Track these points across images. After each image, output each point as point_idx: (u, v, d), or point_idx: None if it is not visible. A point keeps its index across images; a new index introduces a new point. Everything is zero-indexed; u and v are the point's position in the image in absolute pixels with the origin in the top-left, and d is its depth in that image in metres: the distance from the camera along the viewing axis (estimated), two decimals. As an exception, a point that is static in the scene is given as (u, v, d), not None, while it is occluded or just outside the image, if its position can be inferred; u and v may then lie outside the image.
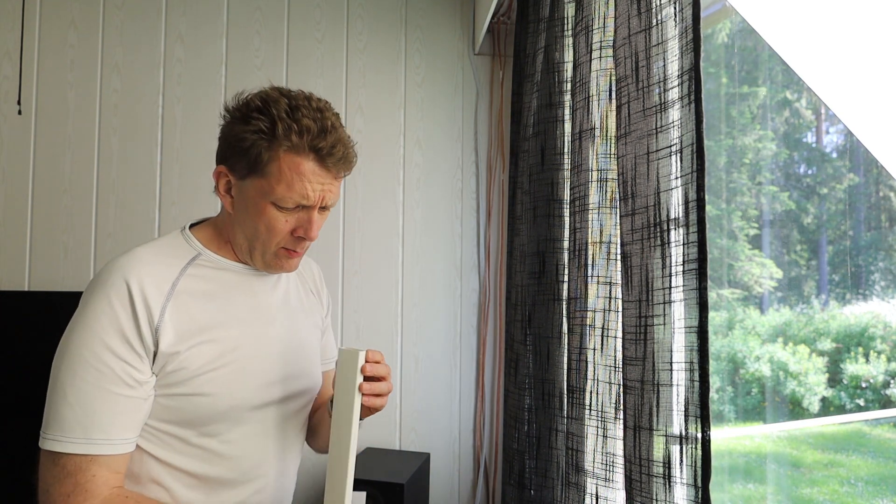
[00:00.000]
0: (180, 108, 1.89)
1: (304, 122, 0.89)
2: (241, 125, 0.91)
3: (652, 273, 0.90)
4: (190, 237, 0.99)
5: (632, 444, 0.92)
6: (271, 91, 0.93)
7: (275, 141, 0.89)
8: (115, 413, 0.86)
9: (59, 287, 1.82)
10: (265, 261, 0.99)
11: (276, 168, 0.90)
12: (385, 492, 1.48)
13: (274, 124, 0.89)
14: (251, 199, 0.94)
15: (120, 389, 0.86)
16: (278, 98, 0.91)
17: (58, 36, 1.87)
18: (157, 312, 0.89)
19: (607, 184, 1.13)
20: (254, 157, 0.90)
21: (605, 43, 1.14)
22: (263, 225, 0.94)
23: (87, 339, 0.87)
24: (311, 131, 0.90)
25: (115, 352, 0.86)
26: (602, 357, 1.11)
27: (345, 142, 0.94)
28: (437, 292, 1.92)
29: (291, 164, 0.90)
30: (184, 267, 0.95)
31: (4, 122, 1.84)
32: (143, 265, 0.91)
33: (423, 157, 1.95)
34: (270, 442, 1.01)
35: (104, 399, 0.86)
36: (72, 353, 0.87)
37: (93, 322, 0.87)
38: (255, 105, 0.91)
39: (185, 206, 1.87)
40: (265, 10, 1.92)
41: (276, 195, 0.91)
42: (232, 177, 0.95)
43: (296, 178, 0.91)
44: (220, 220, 1.02)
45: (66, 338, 0.90)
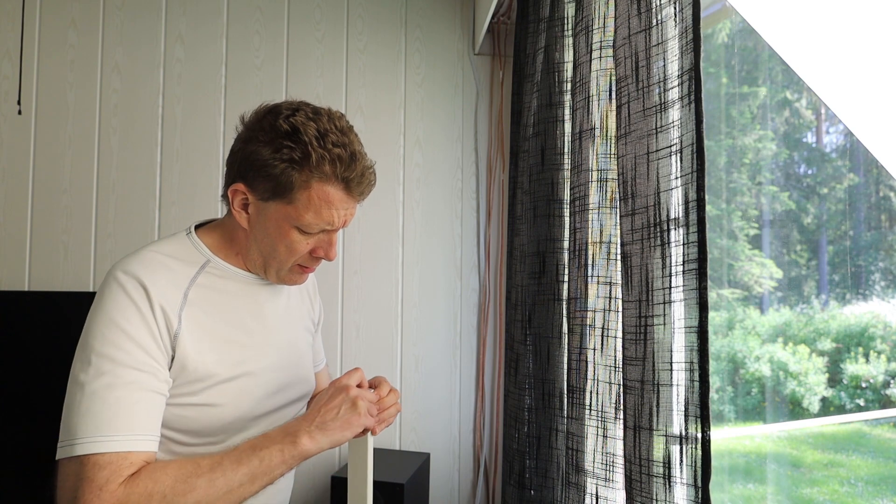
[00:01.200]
0: (180, 108, 1.89)
1: (335, 151, 0.88)
2: (269, 150, 0.89)
3: (652, 273, 0.90)
4: (198, 242, 0.97)
5: (632, 444, 0.92)
6: (298, 114, 0.90)
7: (305, 171, 0.88)
8: (143, 409, 0.84)
9: (59, 287, 1.82)
10: (279, 276, 0.99)
11: (306, 197, 0.90)
12: (385, 492, 1.48)
13: (306, 155, 0.88)
14: (273, 221, 0.92)
15: (148, 383, 0.85)
16: (306, 123, 0.89)
17: (58, 36, 1.87)
18: (174, 320, 0.88)
19: (607, 184, 1.13)
20: (282, 184, 0.89)
21: (605, 43, 1.14)
22: (284, 246, 0.94)
23: (112, 337, 0.84)
24: (342, 161, 0.89)
25: (142, 345, 0.84)
26: (602, 357, 1.11)
27: (369, 166, 0.94)
28: (437, 292, 1.92)
29: (321, 193, 0.90)
30: (194, 276, 0.93)
31: (4, 122, 1.84)
32: (157, 270, 0.89)
33: (423, 156, 1.95)
34: None
35: (133, 395, 0.83)
36: (96, 352, 0.83)
37: (117, 318, 0.84)
38: (283, 130, 0.89)
39: (185, 206, 1.87)
40: (265, 10, 1.92)
41: (303, 222, 0.91)
42: (251, 196, 0.93)
43: (324, 207, 0.91)
44: (229, 228, 0.99)
45: (85, 341, 0.86)
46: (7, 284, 1.82)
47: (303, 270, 1.00)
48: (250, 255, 0.98)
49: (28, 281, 1.83)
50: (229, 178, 0.96)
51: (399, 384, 1.90)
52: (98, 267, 1.84)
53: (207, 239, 0.99)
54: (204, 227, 1.02)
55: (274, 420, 1.02)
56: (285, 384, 1.03)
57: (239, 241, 0.98)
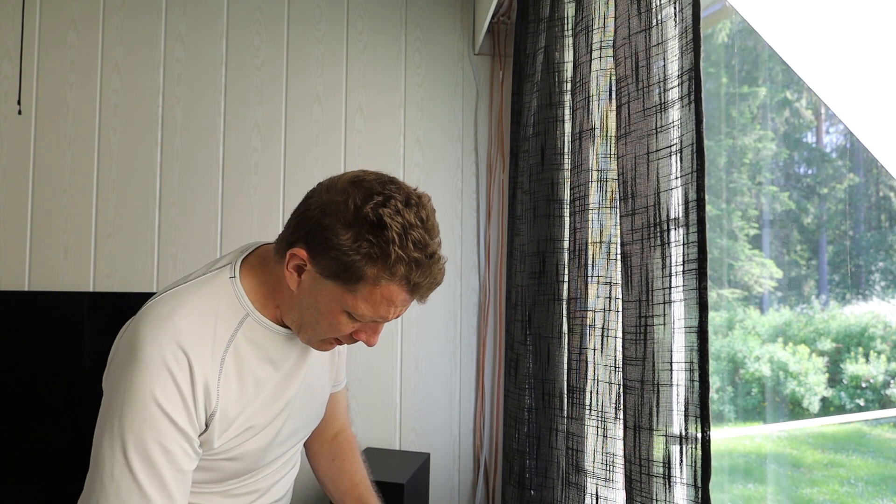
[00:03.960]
0: (180, 108, 1.89)
1: (414, 254, 0.82)
2: (347, 235, 0.82)
3: (652, 273, 0.90)
4: (241, 293, 0.91)
5: (632, 444, 0.92)
6: (389, 204, 0.82)
7: (378, 267, 0.82)
8: (181, 489, 0.84)
9: (59, 287, 1.82)
10: (309, 342, 0.95)
11: (368, 291, 0.84)
12: (385, 492, 1.48)
13: (385, 254, 0.81)
14: (324, 298, 0.87)
15: (186, 465, 0.85)
16: (393, 217, 0.81)
17: (58, 36, 1.87)
18: (214, 398, 0.86)
19: (607, 184, 1.13)
20: (350, 272, 0.83)
21: (605, 43, 1.14)
22: (328, 323, 0.89)
23: (151, 417, 0.81)
24: (418, 265, 0.83)
25: (181, 428, 0.83)
26: (602, 357, 1.11)
27: (441, 268, 0.87)
28: (437, 292, 1.92)
29: (387, 292, 0.84)
30: (232, 336, 0.89)
31: (4, 122, 1.84)
32: (202, 335, 0.85)
33: (423, 156, 1.95)
34: (277, 473, 1.06)
35: (174, 478, 0.83)
36: (133, 433, 0.81)
37: (162, 401, 0.81)
38: (369, 220, 0.81)
39: (185, 206, 1.87)
40: (265, 10, 1.92)
41: (357, 311, 0.86)
42: (311, 266, 0.86)
43: (383, 304, 0.85)
44: (274, 278, 0.92)
45: (120, 417, 0.82)
46: (7, 284, 1.82)
47: (336, 343, 0.96)
48: (290, 316, 0.93)
49: (28, 281, 1.83)
50: (293, 236, 0.87)
51: (399, 384, 1.90)
52: (98, 267, 1.84)
53: (248, 285, 0.92)
54: (247, 263, 0.95)
55: (284, 460, 1.06)
56: (299, 427, 1.05)
57: (282, 295, 0.92)
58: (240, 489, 0.98)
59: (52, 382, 1.68)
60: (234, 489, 0.98)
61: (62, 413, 1.68)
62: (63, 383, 1.69)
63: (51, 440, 1.66)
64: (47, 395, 1.67)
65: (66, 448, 1.66)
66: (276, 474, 1.05)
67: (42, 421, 1.67)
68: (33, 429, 1.66)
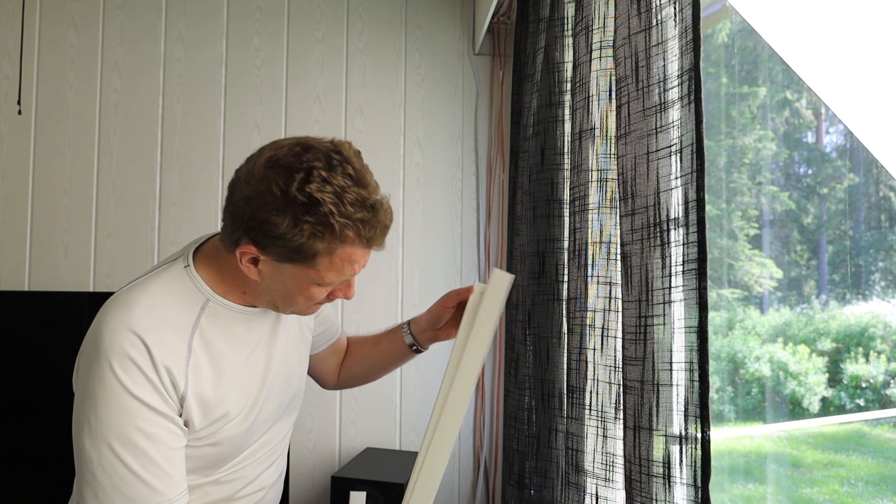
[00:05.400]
0: (180, 108, 1.89)
1: (356, 215, 0.82)
2: (285, 223, 0.81)
3: (652, 273, 0.90)
4: (198, 280, 0.92)
5: (632, 444, 0.92)
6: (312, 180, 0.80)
7: (328, 240, 0.83)
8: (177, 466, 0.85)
9: (59, 287, 1.82)
10: (295, 313, 0.98)
11: (327, 261, 0.85)
12: (385, 492, 1.48)
13: (329, 227, 0.81)
14: (289, 278, 0.88)
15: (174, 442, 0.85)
16: (322, 189, 0.80)
17: (58, 36, 1.87)
18: (181, 381, 0.86)
19: (607, 184, 1.13)
20: (303, 253, 0.84)
21: (605, 43, 1.14)
22: (302, 297, 0.91)
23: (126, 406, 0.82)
24: (364, 223, 0.83)
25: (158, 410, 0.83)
26: (602, 357, 1.11)
27: (387, 210, 0.88)
28: (437, 292, 1.92)
29: (344, 255, 0.86)
30: (195, 321, 0.90)
31: (4, 122, 1.84)
32: (158, 323, 0.85)
33: (423, 156, 1.95)
34: (264, 462, 1.06)
35: (166, 456, 0.84)
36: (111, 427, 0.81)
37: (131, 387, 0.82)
38: (300, 202, 0.80)
39: (186, 206, 1.87)
40: (265, 10, 1.92)
41: (325, 280, 0.88)
42: (264, 256, 0.86)
43: (346, 266, 0.87)
44: (230, 269, 0.92)
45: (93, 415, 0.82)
46: (7, 284, 1.82)
47: (319, 305, 0.99)
48: (261, 299, 0.94)
49: (28, 281, 1.83)
50: (234, 234, 0.86)
51: (399, 384, 1.90)
52: (98, 267, 1.84)
53: (205, 273, 0.93)
54: (201, 254, 0.95)
55: (266, 440, 1.05)
56: (279, 407, 1.05)
57: (246, 282, 0.92)
58: (228, 476, 0.99)
59: (52, 382, 1.68)
60: (223, 477, 0.98)
61: (62, 413, 1.68)
62: (63, 383, 1.69)
63: (50, 440, 1.66)
64: (47, 396, 1.67)
65: (66, 448, 1.65)
66: (263, 462, 1.05)
67: (42, 421, 1.67)
68: (33, 429, 1.66)
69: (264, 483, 1.07)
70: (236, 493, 1.00)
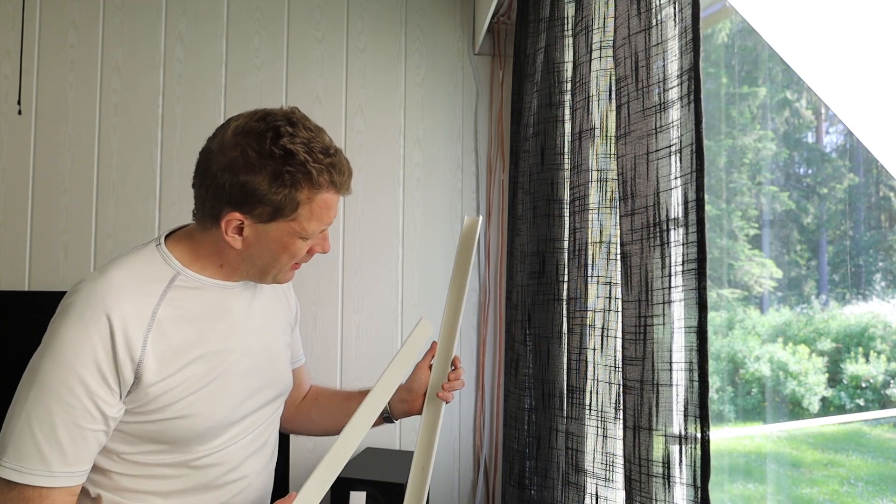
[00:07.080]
0: (180, 108, 1.89)
1: (325, 160, 0.91)
2: (267, 179, 0.88)
3: (652, 273, 0.90)
4: (168, 255, 0.96)
5: (631, 444, 0.92)
6: (282, 134, 0.89)
7: (306, 189, 0.90)
8: (78, 447, 0.85)
9: (59, 287, 1.82)
10: (276, 279, 1.01)
11: (308, 210, 0.92)
12: (385, 492, 1.48)
13: (307, 174, 0.89)
14: (274, 238, 0.94)
15: (88, 424, 0.85)
16: (293, 141, 0.89)
17: (58, 36, 1.87)
18: (138, 348, 0.87)
19: (607, 184, 1.13)
20: (285, 206, 0.90)
21: (605, 43, 1.14)
22: (287, 255, 0.96)
23: (61, 372, 0.85)
24: (334, 167, 0.92)
25: (88, 387, 0.85)
26: (602, 357, 1.11)
27: (346, 159, 0.96)
28: (437, 292, 1.92)
29: (322, 202, 0.93)
30: (163, 291, 0.93)
31: (4, 122, 1.84)
32: (123, 295, 0.88)
33: (423, 156, 1.95)
34: (248, 447, 1.03)
35: (71, 433, 0.84)
36: (42, 382, 0.85)
37: (69, 354, 0.85)
38: (278, 156, 0.88)
39: (185, 206, 1.86)
40: (265, 10, 1.92)
41: (308, 232, 0.94)
42: (248, 221, 0.92)
43: (325, 212, 0.94)
44: (205, 246, 0.98)
45: (37, 365, 0.87)
46: (7, 284, 1.82)
47: (296, 267, 1.03)
48: (241, 269, 0.98)
49: (28, 281, 1.83)
50: (215, 208, 0.93)
51: (399, 384, 1.90)
52: (98, 267, 1.84)
53: (177, 251, 0.98)
54: (173, 237, 1.01)
55: (250, 421, 1.03)
56: (261, 386, 1.04)
57: (224, 256, 0.97)
58: (206, 460, 0.96)
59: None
60: (199, 460, 0.96)
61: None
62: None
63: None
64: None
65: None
66: (248, 447, 1.02)
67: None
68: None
69: (249, 470, 1.03)
70: (217, 479, 0.98)
